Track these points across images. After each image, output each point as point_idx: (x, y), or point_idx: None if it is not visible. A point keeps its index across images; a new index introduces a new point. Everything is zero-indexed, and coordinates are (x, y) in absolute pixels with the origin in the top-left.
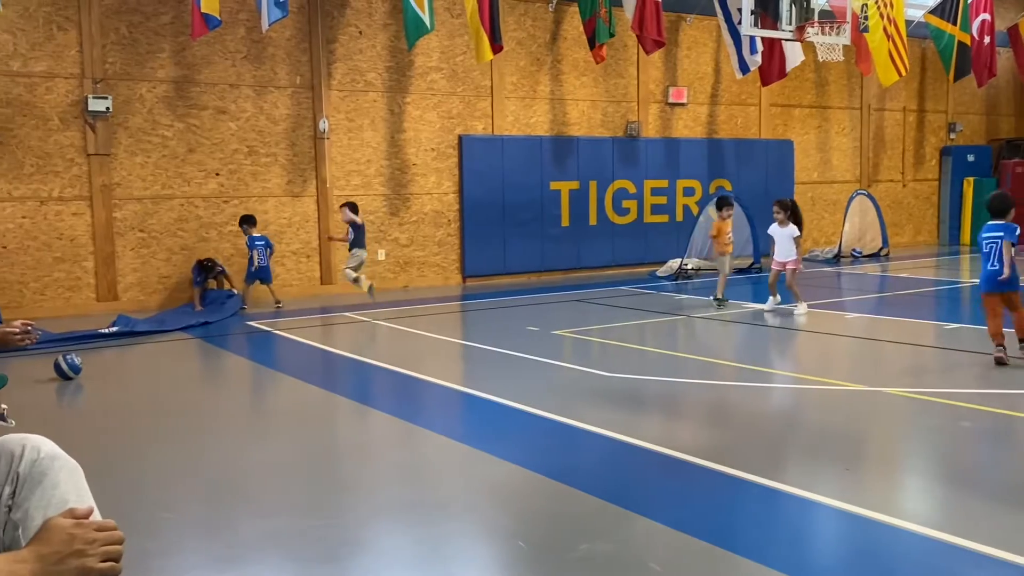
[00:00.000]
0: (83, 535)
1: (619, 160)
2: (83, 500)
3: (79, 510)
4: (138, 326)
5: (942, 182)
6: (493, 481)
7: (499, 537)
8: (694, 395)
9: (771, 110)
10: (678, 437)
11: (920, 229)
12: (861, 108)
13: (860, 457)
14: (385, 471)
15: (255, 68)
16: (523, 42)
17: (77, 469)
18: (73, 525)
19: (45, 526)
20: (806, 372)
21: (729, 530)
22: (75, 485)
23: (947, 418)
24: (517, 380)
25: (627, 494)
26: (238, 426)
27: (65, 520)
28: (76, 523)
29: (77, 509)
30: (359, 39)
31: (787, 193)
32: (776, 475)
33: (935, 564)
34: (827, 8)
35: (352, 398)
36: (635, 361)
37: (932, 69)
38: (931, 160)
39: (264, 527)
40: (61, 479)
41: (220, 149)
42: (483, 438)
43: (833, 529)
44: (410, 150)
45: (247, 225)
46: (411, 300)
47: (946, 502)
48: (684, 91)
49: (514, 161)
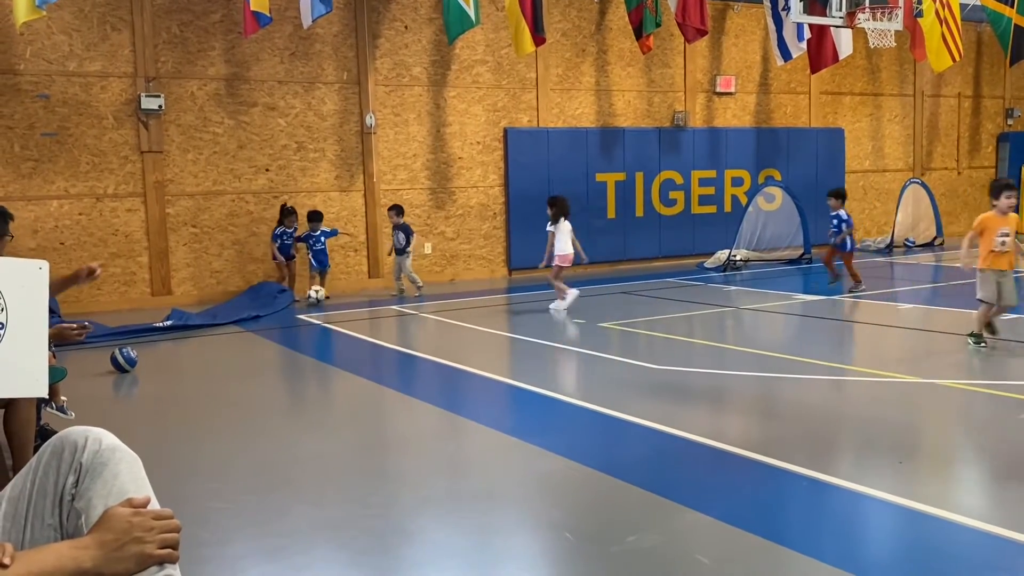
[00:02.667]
0: (141, 523)
1: (665, 151)
2: (141, 490)
3: (137, 499)
4: (191, 320)
5: (999, 169)
6: (540, 473)
7: (546, 528)
8: (742, 387)
9: (821, 98)
10: (726, 430)
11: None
12: (914, 95)
13: (913, 450)
14: (433, 462)
15: (303, 64)
16: (568, 33)
17: (136, 460)
18: (132, 513)
19: (105, 515)
20: (857, 364)
21: (778, 523)
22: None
23: (1003, 410)
24: (563, 373)
25: (675, 487)
26: (289, 417)
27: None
28: (135, 511)
29: (135, 498)
30: (404, 33)
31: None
32: (826, 468)
33: (990, 559)
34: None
35: (400, 390)
36: (682, 353)
37: (988, 54)
38: (987, 147)
39: (314, 517)
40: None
41: (269, 145)
42: (530, 430)
43: (885, 523)
44: (455, 144)
45: (316, 222)
46: (457, 293)
47: (1002, 496)
48: (732, 80)
49: (559, 153)
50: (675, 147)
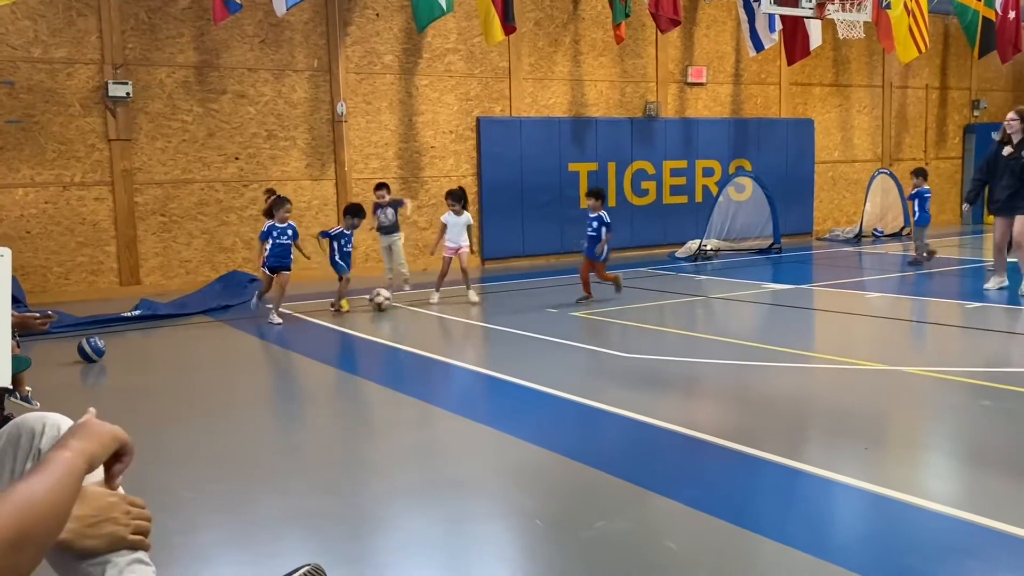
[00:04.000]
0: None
1: (638, 141)
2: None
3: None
4: (160, 309)
5: (966, 160)
6: (512, 461)
7: (517, 516)
8: (713, 375)
9: (791, 89)
10: (697, 417)
11: (943, 208)
12: (883, 86)
13: (880, 436)
14: (404, 451)
15: (273, 52)
16: (540, 23)
17: None
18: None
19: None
20: (825, 351)
21: (747, 509)
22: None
23: (967, 397)
24: (536, 361)
25: (645, 473)
26: (258, 407)
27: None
28: (112, 492)
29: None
30: (376, 21)
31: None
32: (795, 454)
33: (956, 543)
34: None
35: (371, 379)
36: (654, 342)
37: (955, 45)
38: (954, 138)
39: (284, 505)
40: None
41: (239, 133)
42: (502, 418)
43: (853, 508)
44: (428, 133)
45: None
46: (430, 283)
47: (967, 481)
48: (703, 70)
49: (532, 143)
50: (647, 137)
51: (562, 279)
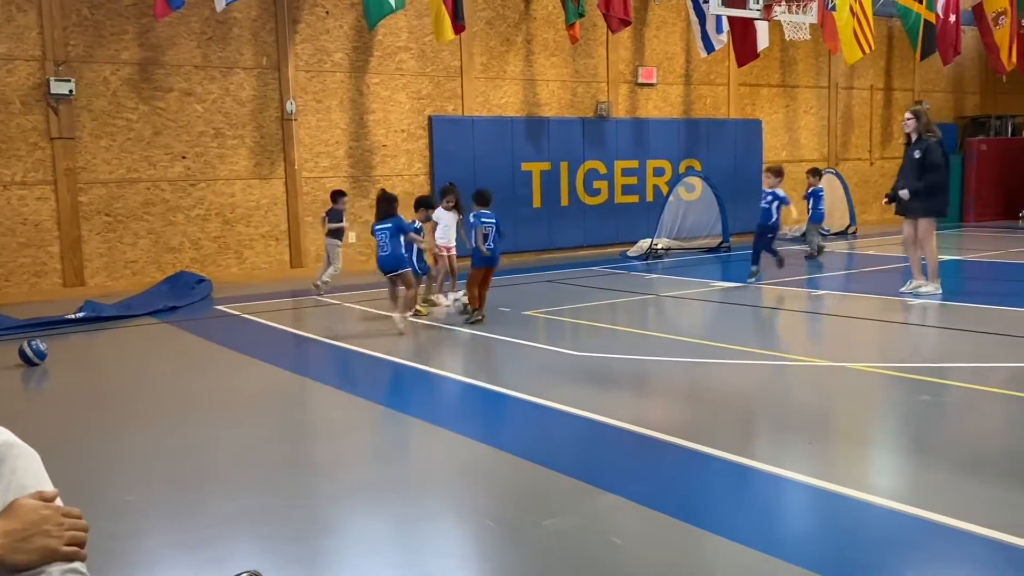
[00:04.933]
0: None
1: (589, 141)
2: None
3: (47, 493)
4: (105, 311)
5: None
6: (463, 461)
7: (467, 515)
8: (663, 373)
9: (740, 90)
10: (647, 414)
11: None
12: (829, 87)
13: (825, 431)
14: (355, 452)
15: (220, 49)
16: (492, 22)
17: (35, 456)
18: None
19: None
20: (772, 348)
21: (695, 505)
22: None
23: (908, 392)
24: (487, 361)
25: (596, 471)
26: (206, 410)
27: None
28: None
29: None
30: (325, 19)
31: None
32: (742, 450)
33: (899, 536)
34: None
35: (322, 381)
36: (606, 340)
37: (899, 47)
38: (898, 138)
39: (232, 508)
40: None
41: (186, 131)
42: (454, 419)
43: (799, 503)
44: (379, 131)
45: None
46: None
47: (909, 475)
48: (653, 71)
49: (485, 142)
50: (599, 137)
51: (514, 278)
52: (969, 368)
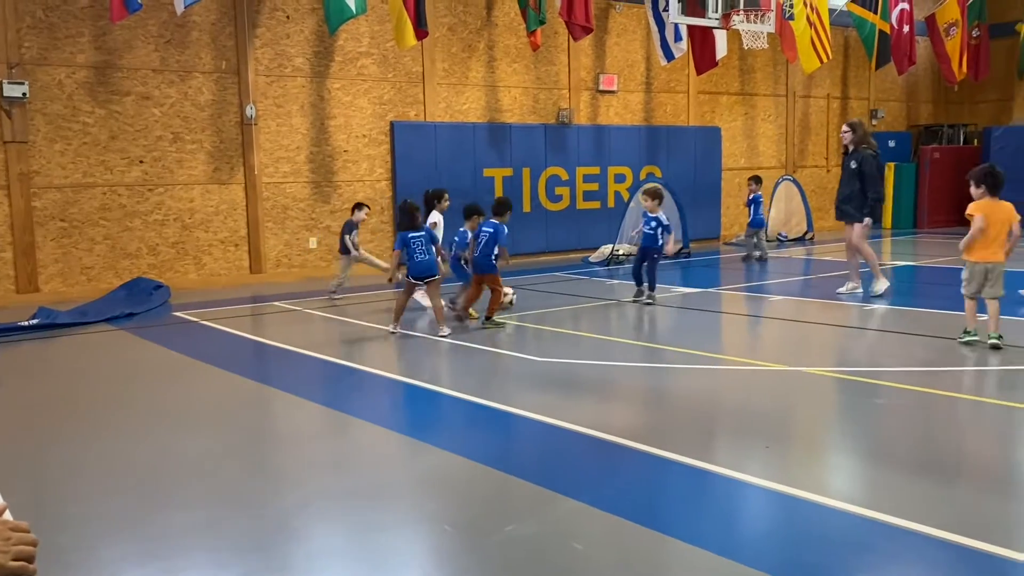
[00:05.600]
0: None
1: (551, 147)
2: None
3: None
4: (59, 318)
5: None
6: (423, 468)
7: (427, 522)
8: (623, 378)
9: (699, 97)
10: (608, 420)
11: None
12: (786, 95)
13: (782, 435)
14: (314, 461)
15: (179, 53)
16: (454, 28)
17: None
18: None
19: None
20: (731, 353)
21: (654, 509)
22: None
23: (863, 396)
24: (449, 367)
25: (556, 476)
26: (163, 418)
27: None
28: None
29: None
30: (286, 24)
31: (715, 179)
32: (701, 454)
33: (855, 539)
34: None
35: (281, 388)
36: (566, 345)
37: (855, 57)
38: None
39: (189, 519)
40: None
41: (144, 136)
42: (415, 426)
43: (757, 507)
44: (340, 136)
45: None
46: (344, 288)
47: (864, 478)
48: (614, 78)
49: (447, 148)
50: (560, 144)
51: None
52: (921, 372)
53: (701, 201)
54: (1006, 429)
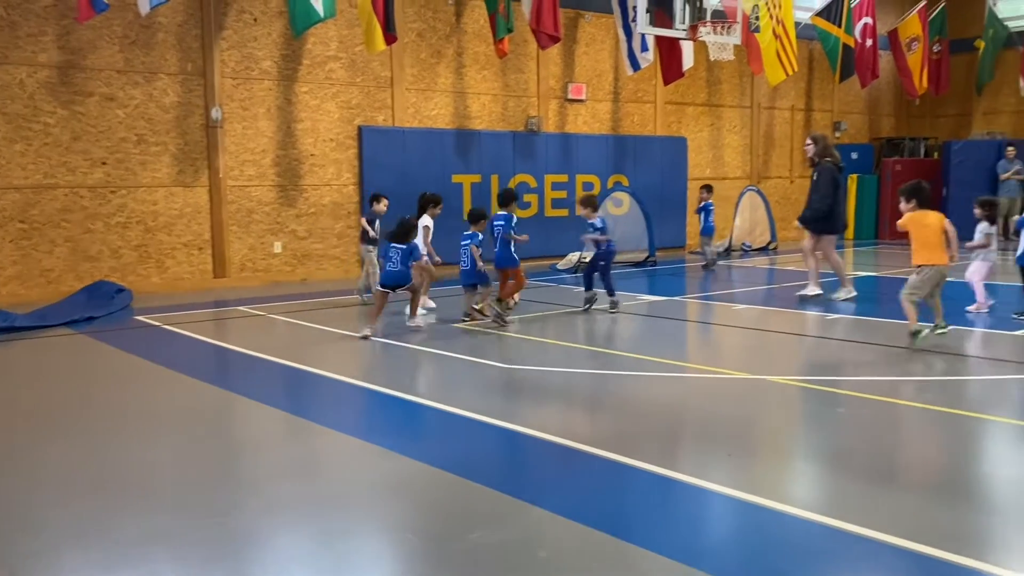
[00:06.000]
0: None
1: (520, 154)
2: None
3: None
4: (18, 321)
5: None
6: (387, 475)
7: (391, 530)
8: (589, 385)
9: (666, 108)
10: (574, 427)
11: None
12: (752, 107)
13: (745, 444)
14: (277, 467)
15: (144, 54)
16: (423, 34)
17: None
18: None
19: None
20: (696, 361)
21: (619, 518)
22: None
23: (824, 404)
24: (414, 374)
25: (521, 484)
26: (123, 424)
27: None
28: None
29: None
30: (253, 26)
31: (681, 189)
32: (666, 462)
33: (817, 547)
34: (719, 8)
35: (244, 394)
36: (533, 353)
37: (819, 69)
38: None
39: (148, 526)
40: None
41: (107, 137)
42: (378, 432)
43: (721, 515)
44: (307, 140)
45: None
46: (309, 293)
47: (823, 485)
48: (583, 87)
49: (415, 153)
50: (529, 151)
51: (444, 290)
52: (881, 381)
53: (667, 210)
54: (963, 438)
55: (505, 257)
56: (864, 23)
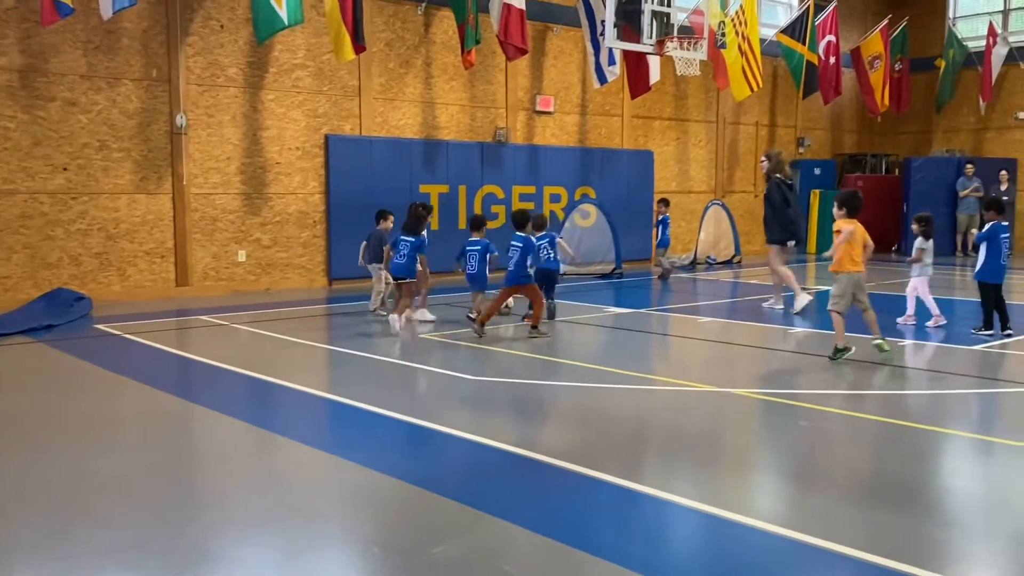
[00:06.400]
0: None
1: (488, 165)
2: None
3: None
4: None
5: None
6: (350, 487)
7: (354, 544)
8: (554, 397)
9: (633, 121)
10: (539, 439)
11: None
12: (717, 121)
13: (709, 456)
14: (238, 479)
15: (108, 59)
16: (392, 44)
17: None
18: None
19: None
20: (661, 374)
21: (584, 530)
22: None
23: (787, 418)
24: (379, 385)
25: (486, 497)
26: (80, 435)
27: None
28: None
29: None
30: (220, 33)
31: (647, 202)
32: (631, 475)
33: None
34: (686, 24)
35: (206, 405)
36: (499, 364)
37: (783, 86)
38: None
39: (104, 538)
40: None
41: (69, 143)
42: (343, 444)
43: (685, 528)
44: (273, 148)
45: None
46: (273, 303)
47: (786, 498)
48: (551, 100)
49: (383, 163)
50: (497, 162)
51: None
52: (843, 395)
53: (634, 223)
54: (922, 451)
55: (521, 277)
56: (828, 41)
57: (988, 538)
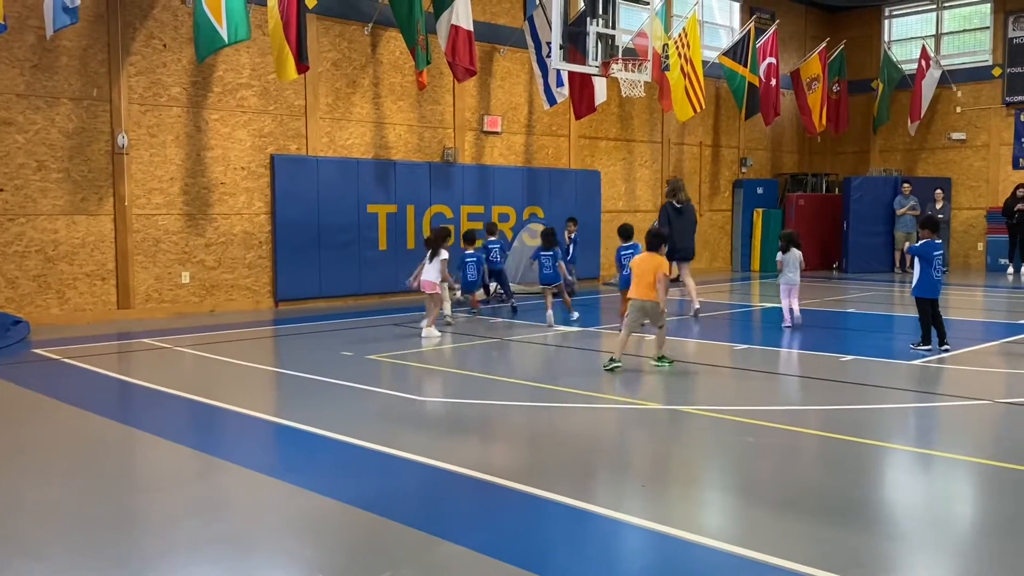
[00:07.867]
0: None
1: (436, 185)
2: None
3: None
4: None
5: (735, 212)
6: (297, 513)
7: (299, 570)
8: (504, 417)
9: (580, 141)
10: (489, 460)
11: (716, 256)
12: (662, 142)
13: (658, 474)
14: (180, 506)
15: (46, 78)
16: (338, 63)
17: None
18: None
19: None
20: (609, 392)
21: (534, 551)
22: None
23: (734, 434)
24: (328, 407)
25: (435, 519)
26: (15, 463)
27: None
28: None
29: None
30: (163, 52)
31: (595, 221)
32: (580, 494)
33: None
34: (631, 46)
35: (147, 430)
36: (448, 384)
37: (726, 107)
38: (725, 192)
39: (44, 571)
40: None
41: (5, 163)
42: (289, 469)
43: (634, 546)
44: (218, 168)
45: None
46: (218, 325)
47: (732, 514)
48: (498, 120)
49: (330, 183)
50: (445, 182)
51: (360, 321)
52: (788, 411)
53: (581, 242)
54: (867, 466)
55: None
56: (768, 63)
57: (932, 550)
